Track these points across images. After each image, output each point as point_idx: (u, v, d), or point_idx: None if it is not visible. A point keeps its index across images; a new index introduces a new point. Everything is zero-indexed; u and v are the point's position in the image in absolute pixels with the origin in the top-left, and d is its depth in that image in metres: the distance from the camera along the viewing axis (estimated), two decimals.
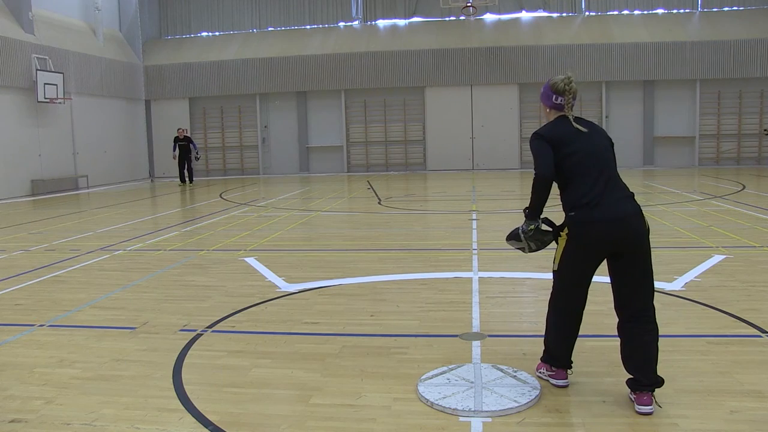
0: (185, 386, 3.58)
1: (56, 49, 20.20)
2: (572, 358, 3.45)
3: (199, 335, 4.55)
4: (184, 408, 3.27)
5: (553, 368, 3.46)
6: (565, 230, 3.33)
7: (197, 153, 21.37)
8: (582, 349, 3.95)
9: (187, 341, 4.40)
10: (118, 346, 4.39)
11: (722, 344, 4.09)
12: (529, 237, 3.43)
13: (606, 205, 3.22)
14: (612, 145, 3.50)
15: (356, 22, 25.30)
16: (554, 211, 3.60)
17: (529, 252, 3.52)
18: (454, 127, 24.10)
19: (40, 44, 19.51)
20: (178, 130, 21.33)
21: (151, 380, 3.70)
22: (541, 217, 3.42)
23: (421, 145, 24.66)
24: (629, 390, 3.18)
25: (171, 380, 3.69)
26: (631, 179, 18.37)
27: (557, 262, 3.41)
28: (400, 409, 3.18)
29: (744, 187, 14.95)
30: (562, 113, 3.49)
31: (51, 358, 4.16)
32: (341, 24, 25.45)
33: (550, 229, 3.44)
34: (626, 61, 22.50)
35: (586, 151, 3.33)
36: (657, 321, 3.22)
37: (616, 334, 3.29)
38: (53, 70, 19.57)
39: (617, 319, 3.33)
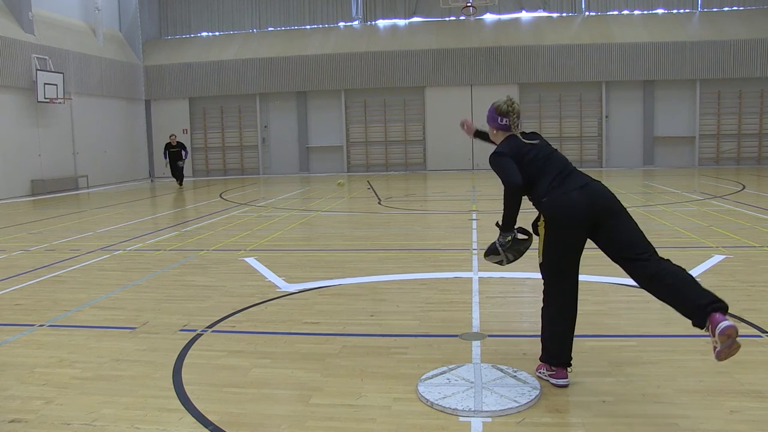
0: (185, 386, 3.57)
1: (56, 49, 20.21)
2: (572, 357, 3.43)
3: (199, 335, 4.55)
4: (184, 408, 3.27)
5: (553, 367, 3.45)
6: (542, 220, 3.44)
7: (184, 158, 20.18)
8: (582, 349, 3.95)
9: (187, 341, 4.39)
10: (118, 346, 4.39)
11: None
12: (506, 249, 3.57)
13: (571, 180, 3.42)
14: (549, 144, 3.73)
15: (356, 22, 25.31)
16: (527, 213, 3.64)
17: (507, 263, 3.63)
18: (454, 127, 23.88)
19: (40, 44, 19.52)
20: (170, 136, 20.47)
21: (151, 380, 3.70)
22: (515, 227, 3.57)
23: (420, 145, 24.66)
24: (706, 326, 2.82)
25: (171, 380, 3.68)
26: (631, 179, 18.40)
27: (541, 253, 3.46)
28: (400, 409, 3.17)
29: (744, 187, 14.96)
30: (510, 133, 3.68)
31: (51, 358, 4.16)
32: (341, 24, 25.46)
33: (526, 237, 3.59)
34: (626, 61, 22.50)
35: (544, 154, 3.55)
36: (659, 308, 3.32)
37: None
38: (53, 70, 19.58)
39: (638, 279, 3.24)
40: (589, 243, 3.42)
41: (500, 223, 3.60)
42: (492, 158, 3.63)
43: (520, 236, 3.56)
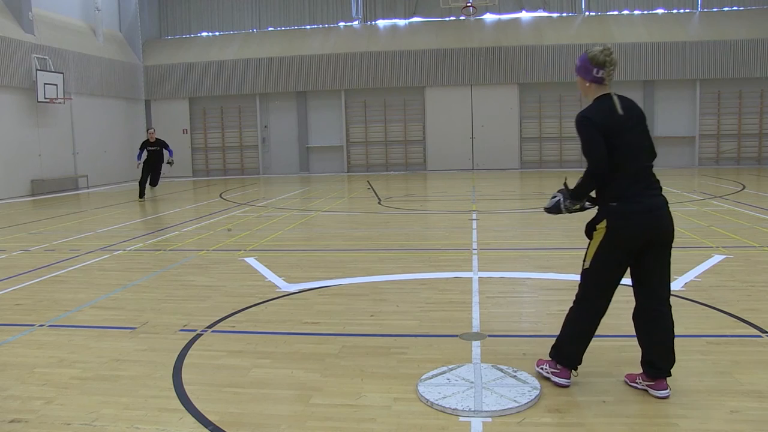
0: (185, 386, 3.57)
1: (56, 49, 20.20)
2: (581, 363, 3.42)
3: (199, 335, 4.54)
4: (184, 408, 3.27)
5: (559, 366, 3.41)
6: (603, 222, 3.28)
7: (171, 158, 16.23)
8: None
9: (187, 341, 4.39)
10: (118, 346, 4.39)
11: (722, 344, 4.08)
12: (570, 212, 3.46)
13: (644, 197, 3.26)
14: (644, 119, 3.46)
15: (356, 22, 25.28)
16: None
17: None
18: (454, 127, 24.06)
19: (40, 44, 19.51)
20: (148, 131, 17.02)
21: (151, 380, 3.70)
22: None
23: (421, 145, 24.63)
24: (644, 379, 3.25)
25: (171, 380, 3.68)
26: None
27: (590, 258, 3.34)
28: (400, 409, 3.17)
29: (744, 187, 14.95)
30: (604, 88, 3.36)
31: (51, 358, 4.16)
32: (341, 24, 25.43)
33: (592, 205, 3.45)
34: (626, 61, 22.47)
35: (631, 144, 3.27)
36: None
37: (632, 331, 3.34)
38: (53, 70, 19.57)
39: (640, 310, 3.38)
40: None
41: (568, 185, 3.43)
42: (579, 121, 3.31)
43: (588, 206, 3.44)
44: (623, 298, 5.49)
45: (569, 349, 3.41)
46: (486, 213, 11.42)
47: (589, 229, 3.37)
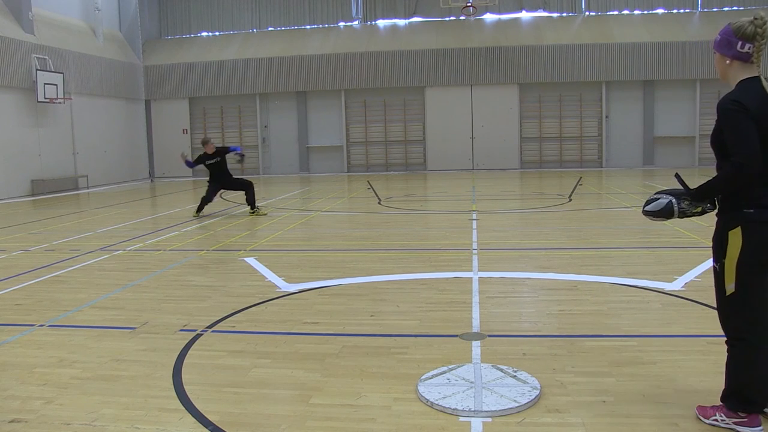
0: (185, 386, 3.57)
1: (56, 49, 20.21)
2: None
3: (199, 335, 4.55)
4: (184, 408, 3.27)
5: (743, 414, 2.77)
6: (737, 230, 2.74)
7: (238, 152, 13.06)
8: (582, 349, 3.97)
9: (187, 341, 4.39)
10: (118, 346, 4.39)
11: (722, 344, 4.05)
12: (687, 216, 2.96)
13: None
14: None
15: (356, 22, 25.29)
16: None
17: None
18: (454, 127, 24.06)
19: (40, 44, 19.53)
20: (205, 144, 12.51)
21: (151, 380, 3.70)
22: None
23: (421, 145, 24.63)
24: (725, 412, 2.79)
25: (171, 380, 3.68)
26: (631, 179, 18.41)
27: (733, 280, 2.76)
28: (400, 409, 3.17)
29: None
30: (751, 69, 2.73)
31: (51, 358, 4.16)
32: (341, 24, 25.44)
33: (712, 208, 2.98)
34: (626, 61, 22.48)
35: None
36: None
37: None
38: (53, 70, 19.59)
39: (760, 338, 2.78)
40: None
41: (686, 183, 2.96)
42: (725, 106, 2.71)
43: (709, 208, 2.93)
44: (623, 298, 5.55)
45: (752, 393, 2.78)
46: (486, 213, 11.43)
47: (721, 243, 2.85)
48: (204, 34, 26.62)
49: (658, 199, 2.99)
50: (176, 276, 6.78)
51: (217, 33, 26.46)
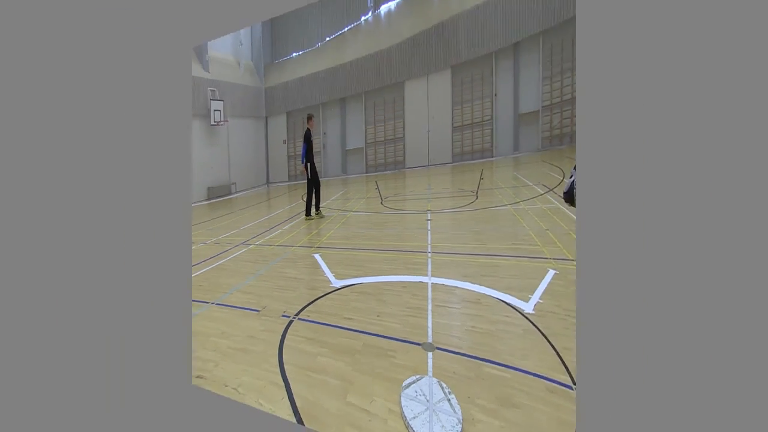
0: (285, 366, 3.32)
1: (218, 81, 20.27)
2: None
3: (291, 321, 4.16)
4: (284, 386, 3.00)
5: None
6: None
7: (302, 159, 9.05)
8: (481, 375, 2.96)
9: (285, 325, 4.04)
10: (251, 324, 4.17)
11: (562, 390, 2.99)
12: None
13: None
14: None
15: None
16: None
17: None
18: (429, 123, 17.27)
19: (212, 79, 19.74)
20: (309, 120, 9.01)
21: (267, 357, 3.46)
22: None
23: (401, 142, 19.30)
24: None
25: (277, 358, 3.45)
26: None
27: None
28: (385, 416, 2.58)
29: None
30: None
31: (217, 330, 4.17)
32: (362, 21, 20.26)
33: None
34: None
35: None
36: None
37: None
38: (218, 98, 19.78)
39: None
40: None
41: None
42: None
43: None
44: (505, 318, 3.83)
45: None
46: (437, 212, 8.69)
47: None
48: (294, 54, 24.48)
49: None
50: (280, 268, 6.42)
51: (300, 52, 24.06)
